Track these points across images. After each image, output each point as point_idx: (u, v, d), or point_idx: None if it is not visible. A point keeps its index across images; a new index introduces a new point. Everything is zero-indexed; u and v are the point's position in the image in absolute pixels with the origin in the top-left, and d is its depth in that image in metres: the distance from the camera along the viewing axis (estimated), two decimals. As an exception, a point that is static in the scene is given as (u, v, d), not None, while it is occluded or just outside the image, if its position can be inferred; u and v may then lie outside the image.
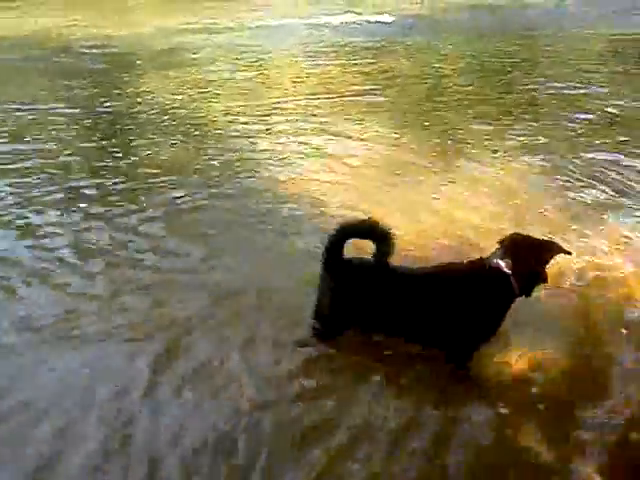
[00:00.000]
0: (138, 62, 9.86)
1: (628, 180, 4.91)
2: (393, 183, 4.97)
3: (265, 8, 14.83)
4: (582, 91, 7.48)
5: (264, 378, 2.83)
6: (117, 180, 5.23)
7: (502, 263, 2.80)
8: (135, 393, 2.75)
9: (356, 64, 9.23)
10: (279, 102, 7.34)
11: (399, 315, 2.87)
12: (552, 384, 2.80)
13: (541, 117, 6.61)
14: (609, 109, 6.68)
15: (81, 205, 4.69)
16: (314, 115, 6.84)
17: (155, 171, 5.36)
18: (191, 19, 13.34)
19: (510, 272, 2.77)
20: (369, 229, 2.84)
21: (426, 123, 6.54)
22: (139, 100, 7.61)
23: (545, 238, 3.03)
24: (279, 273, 3.63)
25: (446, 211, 4.45)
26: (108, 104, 7.46)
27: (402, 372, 2.87)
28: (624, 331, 3.11)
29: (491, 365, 2.91)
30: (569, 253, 2.92)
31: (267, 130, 6.37)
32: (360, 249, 2.98)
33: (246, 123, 6.62)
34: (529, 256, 2.80)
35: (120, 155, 5.81)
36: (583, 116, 6.51)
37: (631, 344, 3.04)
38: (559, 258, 2.91)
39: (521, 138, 5.95)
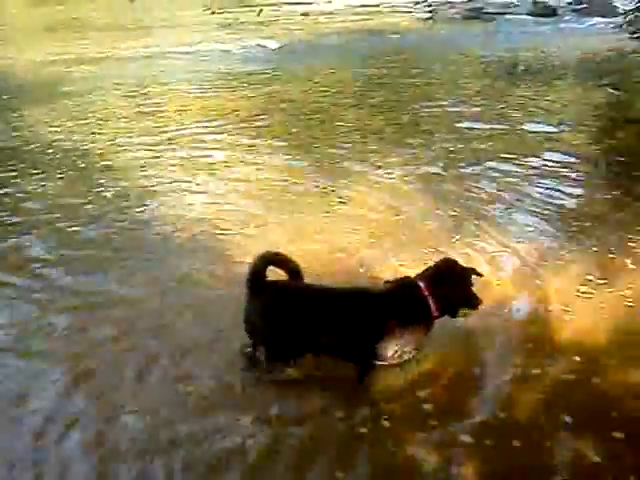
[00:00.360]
0: (12, 96, 9.41)
1: (500, 191, 5.35)
2: (281, 207, 5.10)
3: (150, 36, 14.64)
4: (458, 109, 8.04)
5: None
6: (3, 214, 5.11)
7: (421, 284, 3.02)
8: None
9: (243, 90, 9.36)
10: (167, 131, 7.31)
11: (322, 333, 3.00)
12: (441, 391, 2.99)
13: (423, 135, 7.00)
14: (481, 125, 7.27)
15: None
16: (203, 142, 6.89)
17: (41, 205, 5.24)
18: (69, 49, 12.87)
19: (427, 293, 2.99)
20: (283, 262, 3.08)
21: (315, 146, 6.75)
22: (18, 134, 7.31)
23: (465, 265, 3.22)
24: (174, 301, 3.71)
25: (335, 231, 4.64)
26: (-17, 141, 7.10)
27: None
28: (500, 338, 3.37)
29: (384, 372, 3.09)
30: (480, 275, 3.20)
31: (156, 160, 6.33)
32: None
33: (133, 153, 6.55)
34: (448, 280, 3.04)
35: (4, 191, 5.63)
36: (460, 133, 6.99)
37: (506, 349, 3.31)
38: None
39: (406, 156, 6.29)
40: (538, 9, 17.46)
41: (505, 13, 18.03)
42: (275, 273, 3.13)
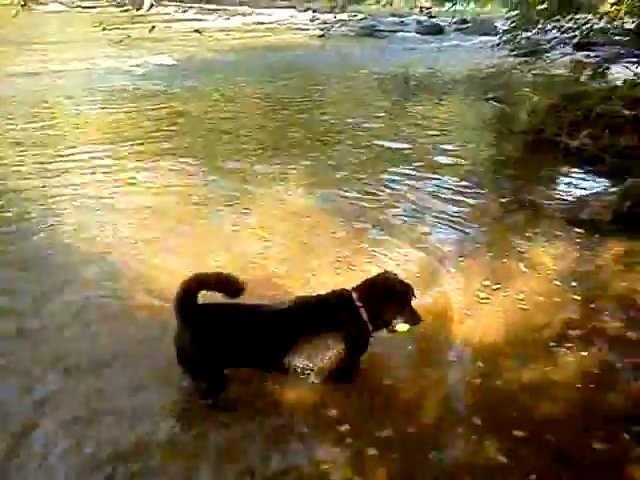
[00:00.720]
0: None
1: (399, 201, 5.52)
2: (185, 223, 4.98)
3: (41, 53, 13.88)
4: (356, 122, 8.23)
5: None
6: None
7: (354, 295, 2.96)
8: None
9: (142, 108, 9.10)
10: (63, 152, 6.87)
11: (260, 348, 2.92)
12: (350, 404, 2.97)
13: (324, 149, 7.11)
14: (379, 139, 7.46)
15: None
16: (100, 160, 6.59)
17: None
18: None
19: (360, 304, 2.93)
20: (218, 282, 2.87)
21: (216, 162, 6.64)
22: None
23: (404, 280, 3.12)
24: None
25: (240, 249, 4.56)
26: None
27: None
28: (408, 348, 3.40)
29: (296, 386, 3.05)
30: (414, 296, 3.06)
31: (52, 180, 5.93)
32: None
33: (27, 174, 6.10)
34: (381, 293, 2.96)
35: None
36: (360, 147, 7.15)
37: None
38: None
39: (308, 169, 6.35)
40: (426, 28, 18.40)
41: (396, 31, 18.90)
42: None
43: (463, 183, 5.93)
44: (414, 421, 2.88)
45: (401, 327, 2.99)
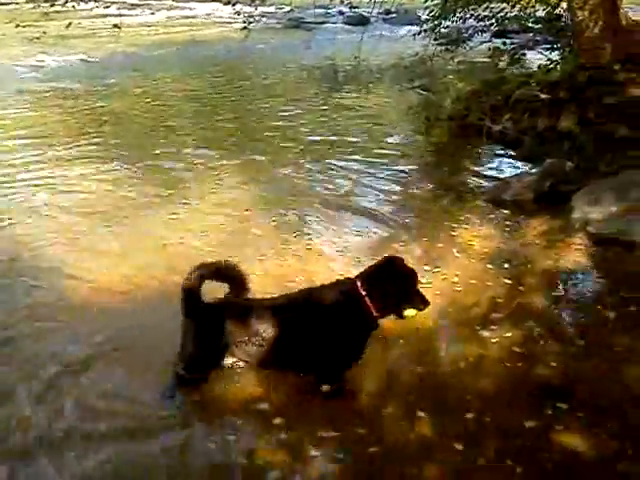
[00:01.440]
0: None
1: (333, 190, 5.59)
2: (117, 222, 4.92)
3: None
4: (287, 115, 8.21)
5: None
6: None
7: (358, 283, 2.89)
8: None
9: (64, 106, 8.79)
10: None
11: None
12: (289, 404, 2.95)
13: (256, 142, 7.05)
14: (311, 131, 7.48)
15: None
16: (25, 162, 6.34)
17: None
18: None
19: (364, 293, 2.85)
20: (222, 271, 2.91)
21: (146, 161, 6.48)
22: None
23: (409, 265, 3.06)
24: None
25: (173, 247, 4.50)
26: None
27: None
28: None
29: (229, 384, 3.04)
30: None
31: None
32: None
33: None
34: (386, 278, 2.87)
35: None
36: (289, 139, 7.15)
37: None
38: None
39: (242, 161, 6.32)
40: (352, 19, 18.54)
41: (323, 23, 18.92)
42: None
43: (395, 171, 6.05)
44: (354, 407, 2.92)
45: (409, 312, 2.93)
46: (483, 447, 2.69)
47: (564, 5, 7.53)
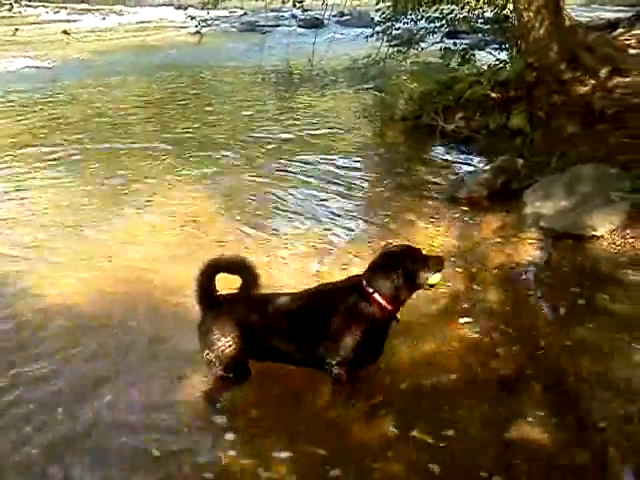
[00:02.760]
0: None
1: (296, 188, 5.60)
2: (72, 231, 4.86)
3: None
4: (246, 117, 8.23)
5: None
6: None
7: (364, 281, 2.81)
8: None
9: (16, 114, 8.58)
10: None
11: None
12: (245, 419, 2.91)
13: (215, 146, 6.98)
14: (270, 132, 7.44)
15: None
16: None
17: None
18: None
19: (372, 290, 2.77)
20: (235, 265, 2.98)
21: (102, 168, 6.36)
22: None
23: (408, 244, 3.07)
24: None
25: (127, 251, 4.47)
26: None
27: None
28: None
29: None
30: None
31: None
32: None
33: None
34: (389, 269, 2.78)
35: None
36: (250, 141, 7.11)
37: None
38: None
39: (203, 164, 6.32)
40: (307, 21, 18.56)
41: (277, 25, 18.90)
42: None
43: (352, 171, 6.10)
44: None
45: (433, 279, 2.83)
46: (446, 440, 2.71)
47: (511, 7, 7.69)
